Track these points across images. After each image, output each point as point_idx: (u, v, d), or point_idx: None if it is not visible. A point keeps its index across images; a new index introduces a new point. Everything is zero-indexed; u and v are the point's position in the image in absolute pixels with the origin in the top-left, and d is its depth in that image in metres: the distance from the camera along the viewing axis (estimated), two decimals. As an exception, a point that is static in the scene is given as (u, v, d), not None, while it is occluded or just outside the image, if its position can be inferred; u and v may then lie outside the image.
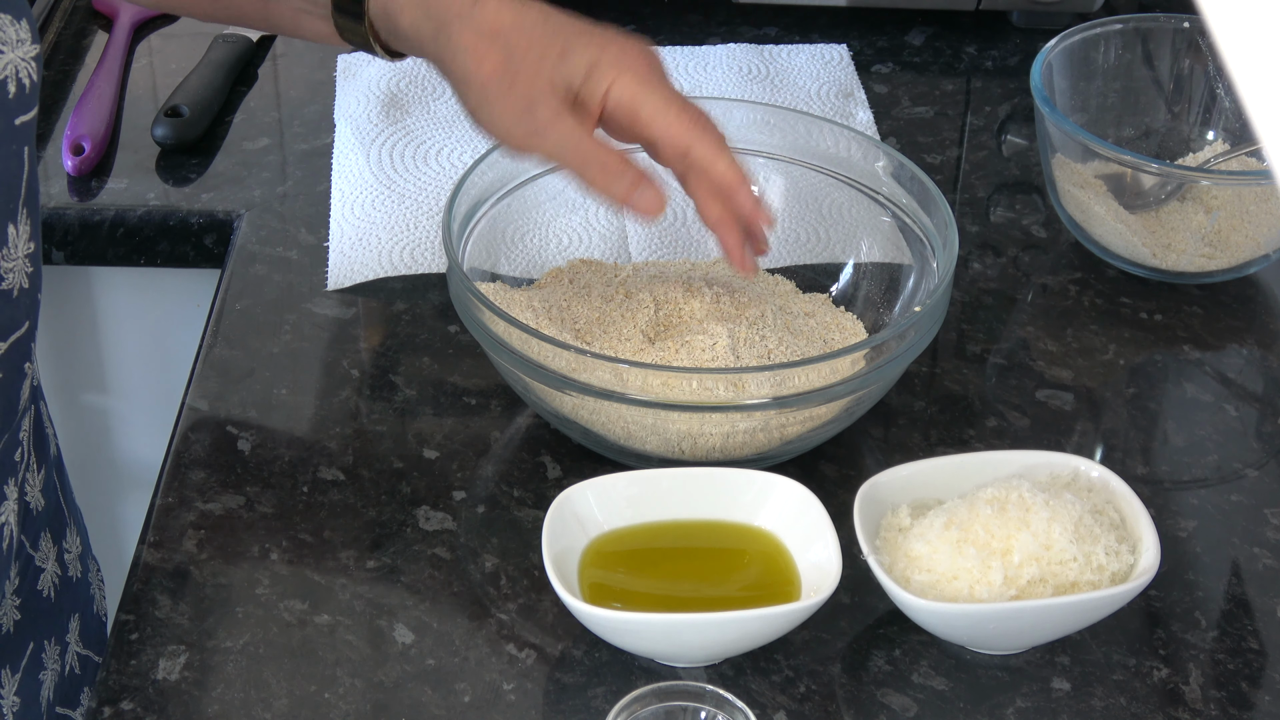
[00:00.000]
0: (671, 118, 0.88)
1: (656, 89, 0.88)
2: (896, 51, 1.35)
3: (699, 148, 0.88)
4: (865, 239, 1.04)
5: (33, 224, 0.85)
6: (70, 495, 1.07)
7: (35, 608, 0.97)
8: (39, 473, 0.97)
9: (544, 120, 0.88)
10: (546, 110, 0.87)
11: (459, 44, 0.89)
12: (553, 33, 0.88)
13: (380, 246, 1.10)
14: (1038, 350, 1.05)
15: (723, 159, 0.88)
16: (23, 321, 0.85)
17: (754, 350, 0.94)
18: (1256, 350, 1.07)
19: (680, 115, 0.88)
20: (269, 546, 0.90)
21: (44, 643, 0.98)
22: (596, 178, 0.88)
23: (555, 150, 0.89)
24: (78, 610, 1.03)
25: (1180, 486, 0.96)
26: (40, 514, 0.97)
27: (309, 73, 1.30)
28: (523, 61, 0.88)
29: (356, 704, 0.82)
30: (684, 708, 0.75)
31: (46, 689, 0.98)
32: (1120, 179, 1.08)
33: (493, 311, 0.90)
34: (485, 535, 0.91)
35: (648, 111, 0.88)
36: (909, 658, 0.85)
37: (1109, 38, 1.16)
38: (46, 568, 0.99)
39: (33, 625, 0.97)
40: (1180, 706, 0.83)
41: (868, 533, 0.84)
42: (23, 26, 0.80)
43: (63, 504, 1.03)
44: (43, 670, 0.98)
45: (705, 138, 0.88)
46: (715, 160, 0.89)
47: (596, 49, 0.88)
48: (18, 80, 0.80)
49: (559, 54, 0.88)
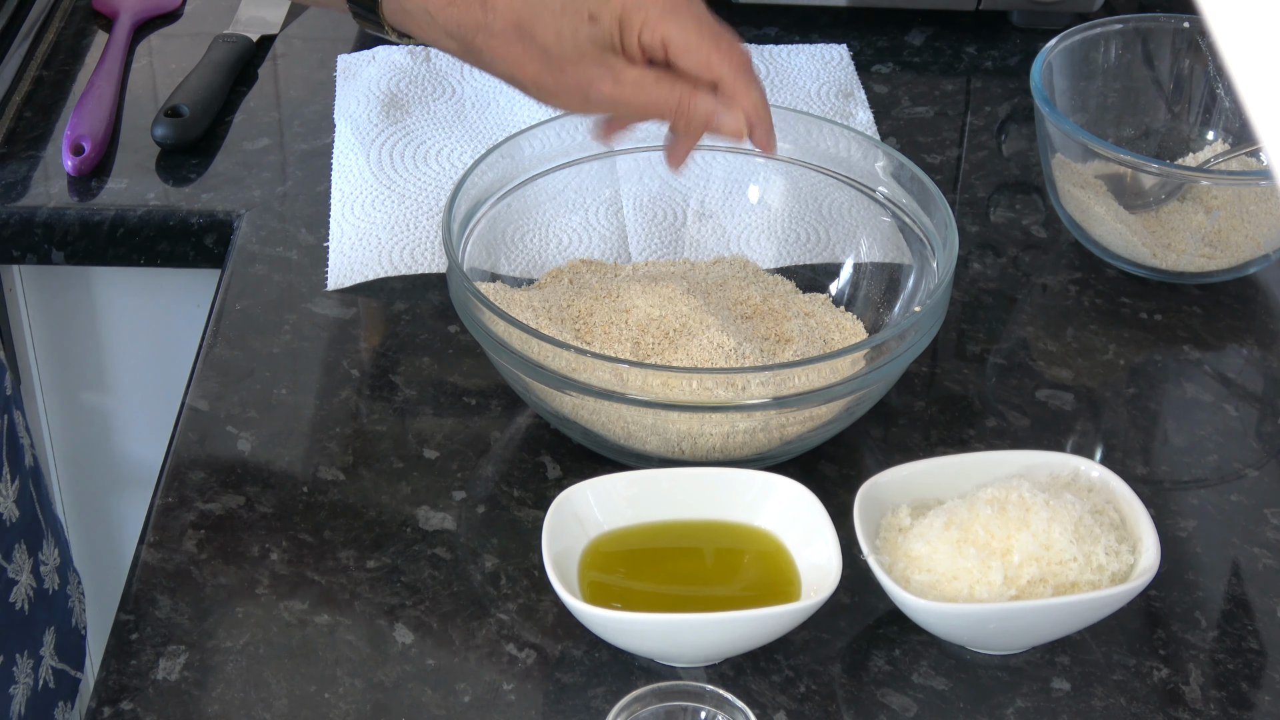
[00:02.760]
0: (697, 51, 0.88)
1: (682, 20, 0.88)
2: (896, 51, 1.35)
3: (726, 82, 0.88)
4: (865, 239, 1.04)
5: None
6: (49, 506, 1.05)
7: (7, 620, 0.96)
8: (13, 483, 0.96)
9: (609, 92, 0.88)
10: (604, 83, 0.88)
11: (491, 56, 0.89)
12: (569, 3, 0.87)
13: (380, 246, 1.10)
14: (1038, 350, 1.05)
15: (749, 95, 0.89)
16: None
17: (754, 350, 0.94)
18: (1256, 350, 1.07)
19: (705, 47, 0.88)
20: (269, 546, 0.90)
21: (15, 656, 0.97)
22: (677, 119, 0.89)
23: (627, 112, 0.90)
24: (54, 624, 1.02)
25: (1180, 486, 0.96)
26: (14, 525, 0.96)
27: (309, 73, 1.30)
28: (558, 49, 0.87)
29: (356, 704, 0.82)
30: (684, 708, 0.75)
31: (18, 704, 0.97)
32: (1120, 179, 1.08)
33: (493, 311, 0.90)
34: (485, 535, 0.91)
35: (675, 48, 0.88)
36: (909, 658, 0.85)
37: (1109, 38, 1.16)
38: (20, 580, 0.98)
39: (4, 638, 0.95)
40: (1180, 706, 0.83)
41: (868, 533, 0.84)
42: None
43: (39, 515, 1.02)
44: (14, 684, 0.97)
45: (732, 70, 0.88)
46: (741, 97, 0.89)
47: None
48: None
49: (587, 20, 0.87)
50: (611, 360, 0.87)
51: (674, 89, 0.88)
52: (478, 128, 1.22)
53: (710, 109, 0.88)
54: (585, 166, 1.06)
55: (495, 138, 1.19)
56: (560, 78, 0.88)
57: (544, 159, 1.04)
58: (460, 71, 1.28)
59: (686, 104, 0.88)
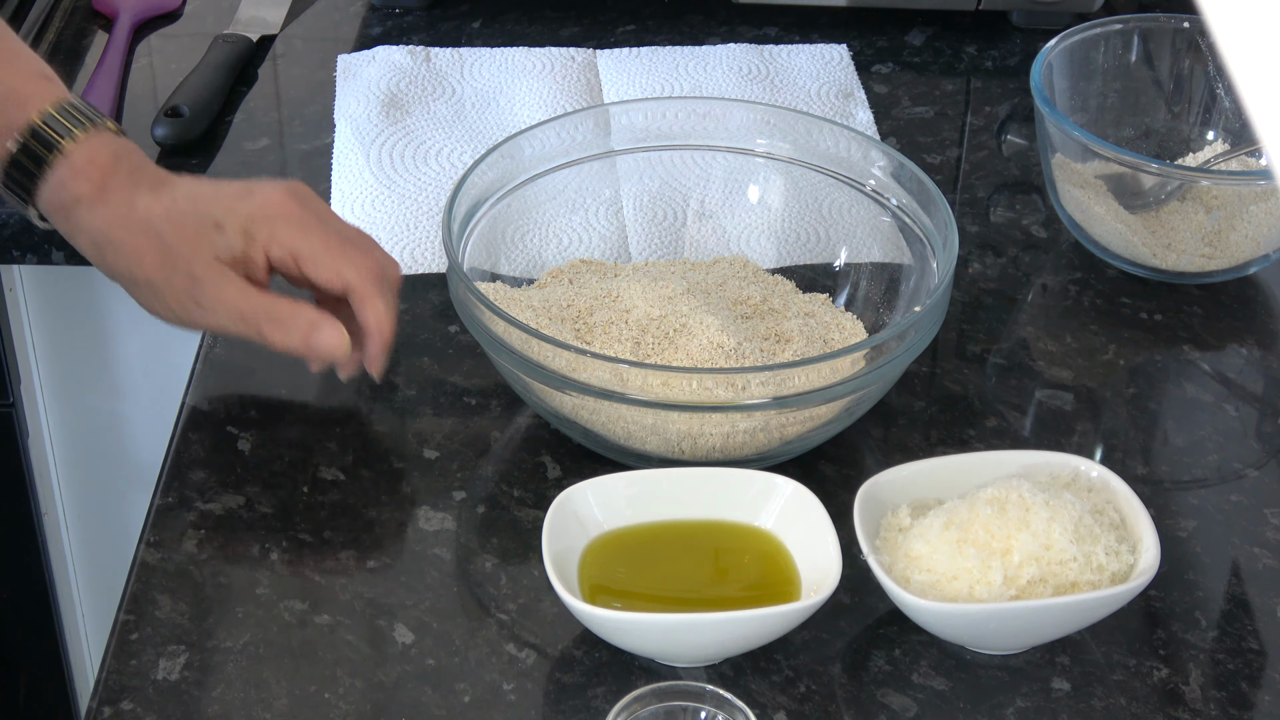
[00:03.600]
0: (325, 263, 0.90)
1: (312, 233, 0.90)
2: (896, 51, 1.35)
3: (354, 291, 0.90)
4: (865, 239, 1.04)
5: None
6: None
7: None
8: None
9: (209, 294, 0.90)
10: (210, 285, 0.90)
11: (119, 250, 0.91)
12: (204, 210, 0.90)
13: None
14: (1038, 350, 1.05)
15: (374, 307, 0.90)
16: None
17: (754, 350, 0.94)
18: (1256, 350, 1.07)
19: (333, 257, 0.90)
20: (269, 546, 0.90)
21: None
22: (270, 333, 0.90)
23: (222, 320, 0.91)
24: None
25: (1180, 486, 0.96)
26: None
27: (309, 73, 1.30)
28: (179, 246, 0.90)
29: (356, 704, 0.82)
30: (684, 708, 0.75)
31: None
32: (1120, 179, 1.08)
33: (493, 311, 0.90)
34: (485, 535, 0.91)
35: (305, 260, 0.90)
36: (909, 658, 0.85)
37: (1109, 38, 1.16)
38: None
39: None
40: (1180, 706, 0.83)
41: (868, 533, 0.84)
42: None
43: None
44: None
45: (360, 279, 0.90)
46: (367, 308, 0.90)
47: (246, 211, 0.90)
48: None
49: (214, 228, 0.90)
50: (611, 360, 0.87)
51: (275, 298, 0.90)
52: (478, 128, 1.22)
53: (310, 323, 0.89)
54: (585, 166, 1.06)
55: (495, 138, 1.19)
56: (174, 270, 0.90)
57: (544, 159, 1.04)
58: (460, 72, 1.28)
59: (282, 312, 0.89)
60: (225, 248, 0.90)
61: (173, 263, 0.90)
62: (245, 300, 0.90)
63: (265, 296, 0.90)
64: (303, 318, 0.90)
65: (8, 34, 0.97)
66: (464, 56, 1.30)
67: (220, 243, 0.90)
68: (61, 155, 0.93)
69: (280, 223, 0.90)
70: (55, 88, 0.95)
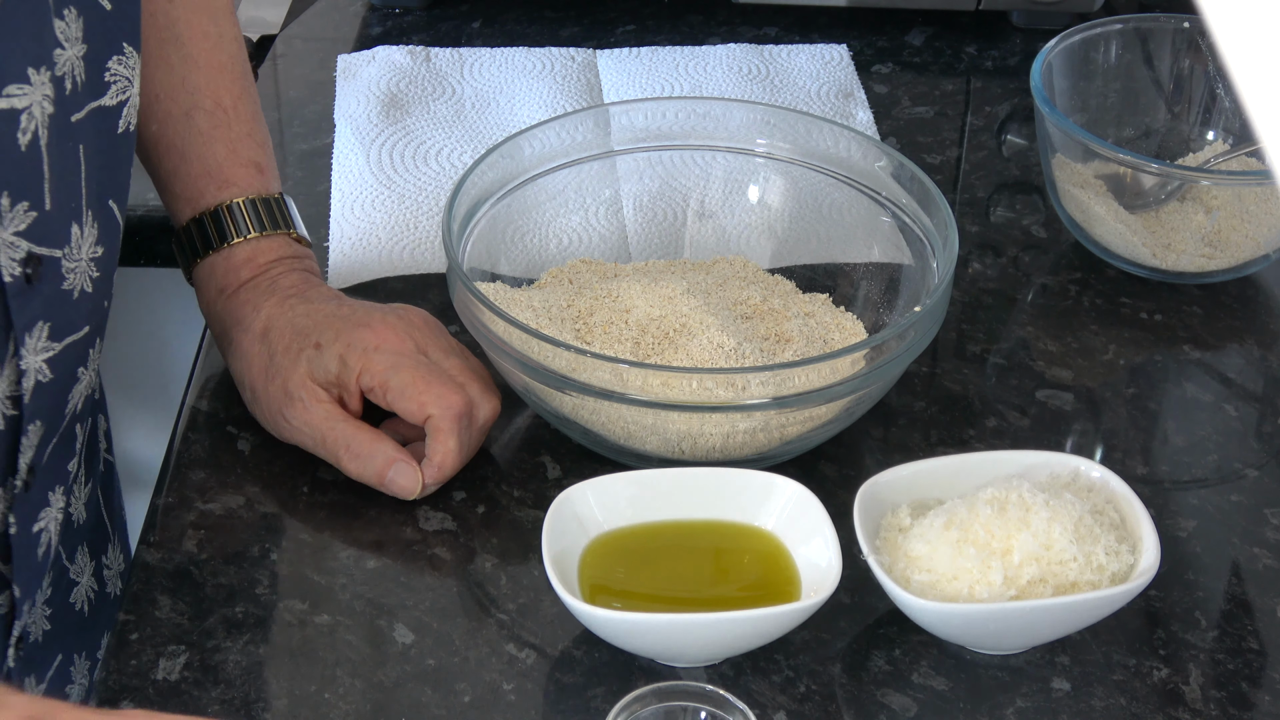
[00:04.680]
0: (411, 396, 0.90)
1: (403, 367, 0.91)
2: (896, 51, 1.35)
3: (432, 423, 0.91)
4: (865, 239, 1.04)
5: (101, 228, 0.85)
6: (119, 512, 1.07)
7: (66, 620, 0.97)
8: (85, 485, 0.97)
9: (297, 412, 0.92)
10: (300, 403, 0.91)
11: (237, 349, 0.94)
12: (310, 327, 0.92)
13: (380, 246, 1.11)
14: (1038, 350, 1.05)
15: (445, 443, 0.91)
16: (81, 326, 0.85)
17: (754, 350, 0.94)
18: (1256, 350, 1.07)
19: (421, 391, 0.90)
20: (269, 546, 0.90)
21: (73, 656, 0.98)
22: (347, 463, 0.91)
23: (304, 439, 0.92)
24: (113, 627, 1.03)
25: (1180, 486, 0.96)
26: (80, 527, 0.97)
27: (309, 73, 1.30)
28: (282, 358, 0.92)
29: (356, 704, 0.82)
30: (684, 708, 0.75)
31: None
32: (1120, 179, 1.08)
33: (493, 311, 0.90)
34: (485, 535, 0.91)
35: (392, 393, 0.91)
36: (909, 658, 0.85)
37: (1109, 38, 1.16)
38: (81, 581, 0.99)
39: (62, 638, 0.96)
40: (1180, 706, 0.83)
41: (868, 533, 0.84)
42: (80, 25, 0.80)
43: (105, 519, 1.03)
44: (70, 684, 0.98)
45: (440, 412, 0.90)
46: (433, 442, 0.91)
47: (348, 338, 0.92)
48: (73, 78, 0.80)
49: (315, 347, 0.92)
50: (611, 360, 0.87)
51: (360, 428, 0.91)
52: (478, 128, 1.22)
53: (386, 460, 0.90)
54: (585, 166, 1.06)
55: (495, 138, 1.19)
56: (272, 380, 0.92)
57: (544, 159, 1.04)
58: (460, 72, 1.28)
59: (362, 446, 0.91)
60: (321, 369, 0.91)
61: (272, 374, 0.92)
62: (328, 426, 0.91)
63: (349, 425, 0.91)
64: (381, 455, 0.90)
65: (246, 111, 0.99)
66: (464, 56, 1.30)
67: (317, 363, 0.91)
68: (227, 246, 0.96)
69: (376, 354, 0.91)
70: (260, 181, 0.98)
